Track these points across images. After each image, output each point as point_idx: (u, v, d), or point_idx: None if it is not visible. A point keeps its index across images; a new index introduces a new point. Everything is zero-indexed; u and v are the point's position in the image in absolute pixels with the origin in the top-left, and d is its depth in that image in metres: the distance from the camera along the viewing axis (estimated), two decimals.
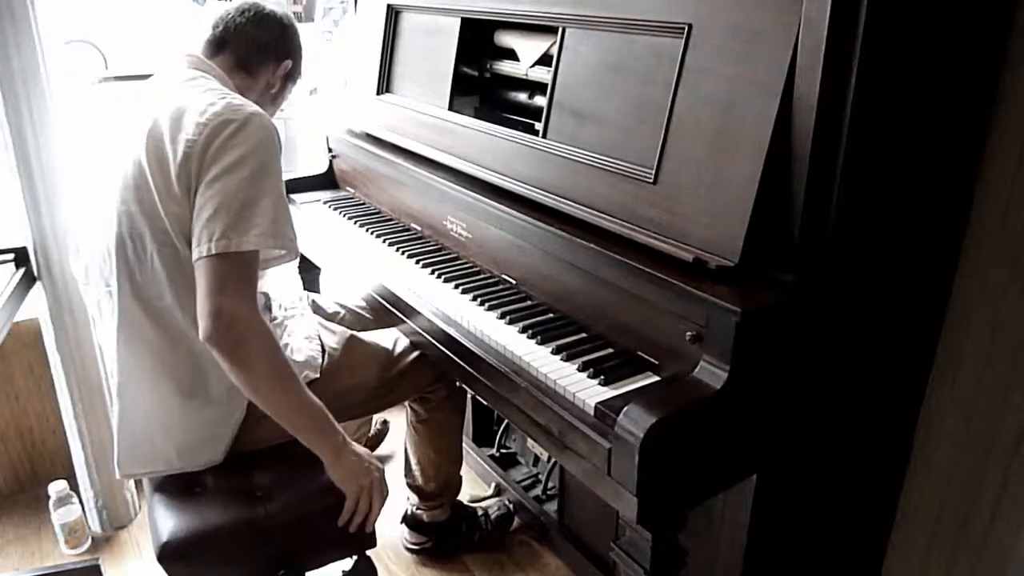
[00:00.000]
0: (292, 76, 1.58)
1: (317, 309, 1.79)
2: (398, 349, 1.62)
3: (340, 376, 1.51)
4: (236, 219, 1.20)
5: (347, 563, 1.53)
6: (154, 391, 1.34)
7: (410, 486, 1.89)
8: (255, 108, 1.29)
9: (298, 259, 2.03)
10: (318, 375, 1.48)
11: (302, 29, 1.59)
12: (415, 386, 1.67)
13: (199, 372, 1.34)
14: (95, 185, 1.36)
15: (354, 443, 1.39)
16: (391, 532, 2.01)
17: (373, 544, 1.46)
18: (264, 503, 1.33)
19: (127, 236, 1.28)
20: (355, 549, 1.46)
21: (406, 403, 1.78)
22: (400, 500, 1.96)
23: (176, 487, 1.36)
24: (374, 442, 2.30)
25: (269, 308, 1.53)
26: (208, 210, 1.21)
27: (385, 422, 2.34)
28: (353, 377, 1.52)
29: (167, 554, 1.25)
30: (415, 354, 1.62)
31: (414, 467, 1.85)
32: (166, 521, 1.29)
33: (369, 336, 1.64)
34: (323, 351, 1.53)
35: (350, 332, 1.60)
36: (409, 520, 1.93)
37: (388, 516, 2.01)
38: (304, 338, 1.53)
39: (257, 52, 1.48)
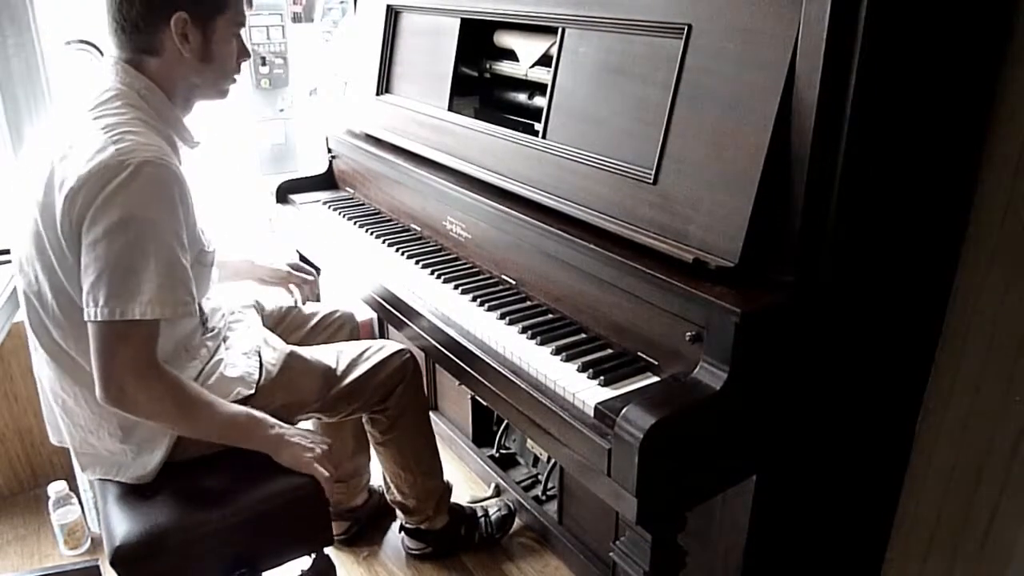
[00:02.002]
0: (207, 25, 1.26)
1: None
2: (341, 366, 1.57)
3: (277, 393, 1.46)
4: (119, 287, 1.14)
5: (306, 562, 1.52)
6: (88, 419, 1.34)
7: (392, 503, 1.86)
8: (148, 155, 1.15)
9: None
10: (252, 391, 1.42)
11: (302, 29, 1.56)
12: (364, 403, 1.62)
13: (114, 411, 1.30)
14: (16, 221, 1.29)
15: (289, 427, 1.40)
16: (391, 533, 2.01)
17: (330, 542, 1.46)
18: (218, 503, 1.32)
19: (33, 281, 1.26)
20: (313, 547, 1.46)
21: (365, 424, 1.75)
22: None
23: (129, 490, 1.35)
24: (383, 497, 2.06)
25: (204, 323, 1.42)
26: (91, 275, 1.15)
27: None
28: (291, 395, 1.48)
29: (121, 558, 1.23)
30: (361, 371, 1.58)
31: (389, 484, 1.83)
32: (120, 525, 1.27)
33: (310, 352, 1.57)
34: (261, 366, 1.47)
35: (291, 348, 1.54)
36: (406, 529, 1.91)
37: (393, 525, 2.01)
38: (242, 353, 1.47)
39: (138, 27, 1.23)
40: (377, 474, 1.98)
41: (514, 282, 1.51)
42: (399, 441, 1.73)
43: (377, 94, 1.96)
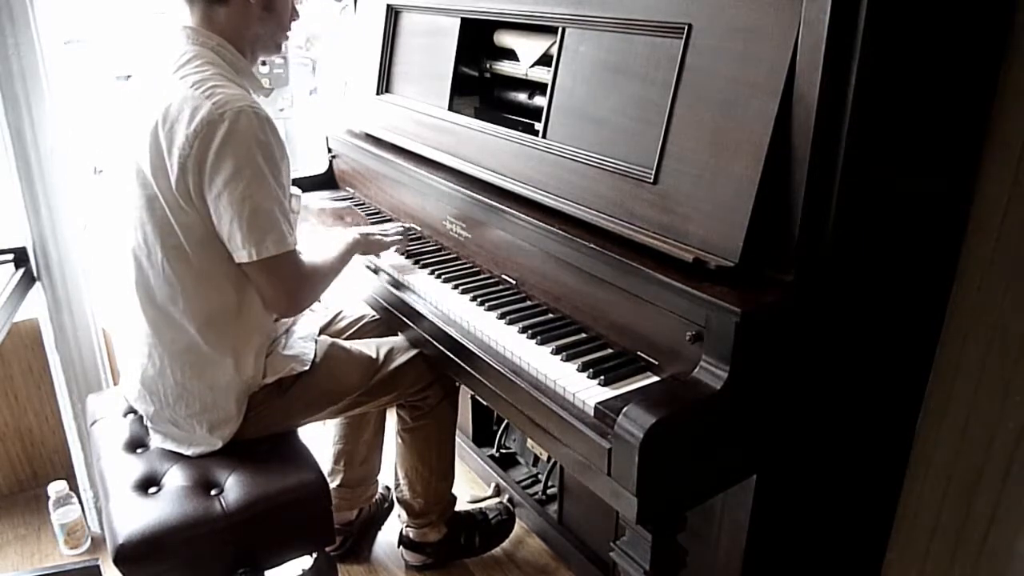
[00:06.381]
0: None
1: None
2: (381, 357, 1.61)
3: (323, 380, 1.53)
4: (250, 229, 1.27)
5: (307, 561, 1.53)
6: (170, 390, 1.41)
7: (399, 500, 1.86)
8: (240, 104, 1.24)
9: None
10: (307, 367, 1.51)
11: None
12: (403, 391, 1.65)
13: (204, 375, 1.39)
14: (115, 187, 1.39)
15: (359, 228, 1.66)
16: (392, 534, 2.01)
17: (332, 542, 1.46)
18: (221, 502, 1.33)
19: (142, 243, 1.34)
20: (314, 546, 1.46)
21: (395, 411, 1.77)
22: (395, 519, 1.96)
23: (133, 487, 1.36)
24: (377, 509, 2.07)
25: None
26: (225, 223, 1.28)
27: (387, 488, 2.09)
28: (334, 382, 1.55)
29: (124, 556, 1.24)
30: (400, 360, 1.62)
31: (401, 480, 1.83)
32: (122, 523, 1.28)
33: (353, 344, 1.63)
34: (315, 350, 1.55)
35: (331, 340, 1.62)
36: (405, 541, 1.90)
37: (387, 531, 2.02)
38: (299, 338, 1.57)
39: None
40: (383, 477, 1.98)
41: (514, 282, 1.51)
42: (428, 430, 1.74)
43: (377, 94, 1.96)
